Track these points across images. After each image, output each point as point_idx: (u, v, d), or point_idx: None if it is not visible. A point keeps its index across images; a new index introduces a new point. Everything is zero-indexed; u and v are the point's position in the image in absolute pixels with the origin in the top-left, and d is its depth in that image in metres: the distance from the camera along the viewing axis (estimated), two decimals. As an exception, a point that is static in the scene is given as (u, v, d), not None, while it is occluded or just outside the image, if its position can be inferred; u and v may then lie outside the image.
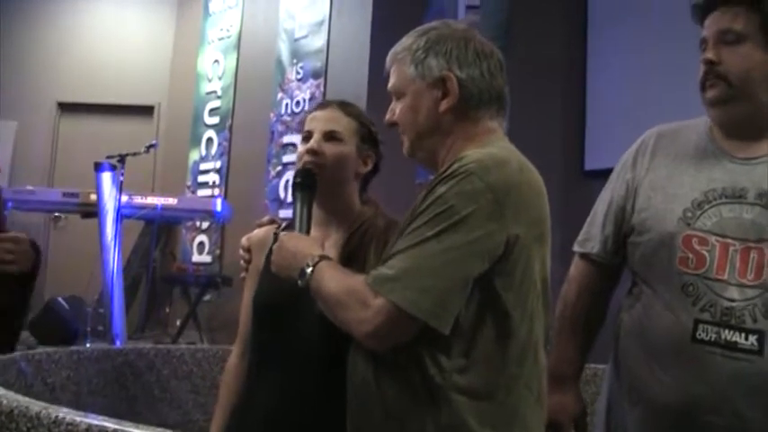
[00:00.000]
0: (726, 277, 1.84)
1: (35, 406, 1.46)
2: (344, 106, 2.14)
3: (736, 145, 1.96)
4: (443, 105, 1.79)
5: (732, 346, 1.80)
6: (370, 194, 2.22)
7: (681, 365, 1.86)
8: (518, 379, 1.66)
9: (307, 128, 2.10)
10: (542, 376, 1.75)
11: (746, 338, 1.80)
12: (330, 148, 2.05)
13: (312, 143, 2.05)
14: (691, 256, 1.88)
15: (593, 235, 2.15)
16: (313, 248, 1.79)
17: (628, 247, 2.06)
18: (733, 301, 1.82)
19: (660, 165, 2.04)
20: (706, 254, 1.87)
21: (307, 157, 2.04)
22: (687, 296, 1.87)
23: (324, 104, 2.17)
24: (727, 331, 1.81)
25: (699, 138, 2.03)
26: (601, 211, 2.14)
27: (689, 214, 1.91)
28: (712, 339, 1.82)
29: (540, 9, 6.58)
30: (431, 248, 1.58)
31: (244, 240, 2.24)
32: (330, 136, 2.06)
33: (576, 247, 2.20)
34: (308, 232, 1.91)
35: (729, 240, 1.86)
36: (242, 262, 2.24)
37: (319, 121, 2.09)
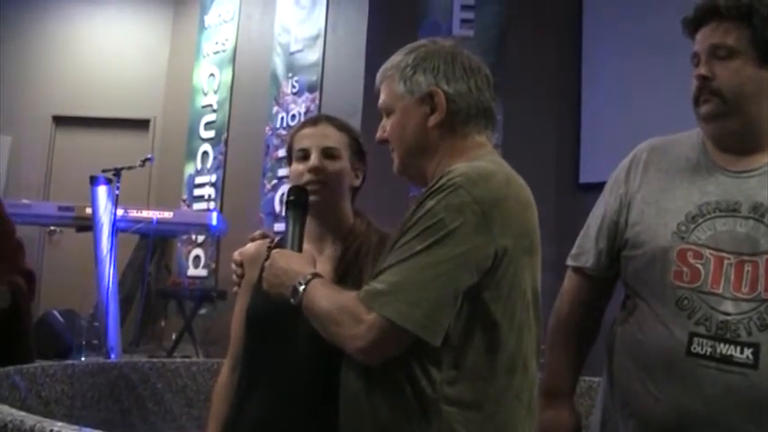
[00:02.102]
0: (720, 291, 1.83)
1: (29, 420, 1.45)
2: (333, 121, 2.15)
3: (728, 158, 1.96)
4: (432, 121, 1.80)
5: (727, 360, 1.79)
6: (359, 206, 2.23)
7: (674, 379, 1.85)
8: (508, 389, 1.67)
9: (300, 146, 2.10)
10: (533, 387, 1.75)
11: (741, 352, 1.79)
12: (330, 165, 2.06)
13: (315, 161, 2.05)
14: (685, 269, 1.88)
15: (586, 249, 2.14)
16: (305, 266, 1.80)
17: (621, 260, 2.05)
18: (728, 314, 1.81)
19: (653, 178, 2.03)
20: (701, 267, 1.86)
21: (309, 176, 2.04)
22: (682, 310, 1.86)
23: (313, 121, 2.17)
24: (722, 345, 1.80)
25: (691, 151, 2.02)
26: (594, 224, 2.13)
27: (683, 228, 1.91)
28: (707, 353, 1.81)
29: (535, 23, 6.61)
30: (421, 262, 1.59)
31: (236, 255, 2.24)
32: (328, 153, 2.07)
33: (569, 261, 2.19)
34: (299, 250, 1.91)
35: (724, 254, 1.86)
36: (234, 276, 2.24)
37: (314, 138, 2.09)
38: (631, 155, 2.13)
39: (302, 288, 1.73)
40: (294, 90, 7.32)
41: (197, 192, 8.35)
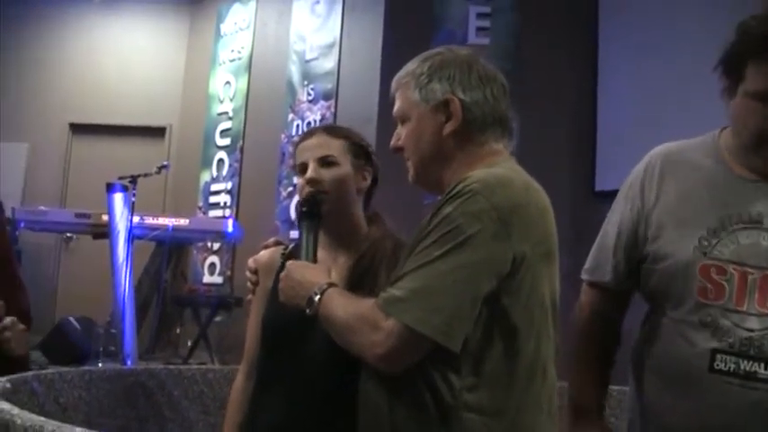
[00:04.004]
0: (745, 308, 1.81)
1: (49, 425, 1.46)
2: (330, 130, 2.17)
3: (747, 167, 1.93)
4: (447, 129, 1.80)
5: (751, 377, 1.77)
6: (375, 209, 2.23)
7: (698, 396, 1.83)
8: (527, 395, 1.67)
9: (299, 160, 2.11)
10: (553, 392, 1.75)
11: (766, 368, 1.77)
12: (328, 174, 2.06)
13: (310, 172, 2.06)
14: (709, 286, 1.85)
15: (603, 263, 2.10)
16: (320, 276, 1.81)
17: (642, 273, 2.02)
18: (752, 330, 1.79)
19: (670, 190, 1.99)
20: (725, 284, 1.84)
21: (307, 188, 2.05)
22: (705, 326, 1.83)
23: (309, 133, 2.18)
24: (746, 361, 1.78)
25: (707, 158, 1.98)
26: (610, 237, 2.09)
27: (705, 243, 1.87)
28: (731, 370, 1.79)
29: (551, 31, 6.60)
30: (439, 268, 1.59)
31: (251, 262, 2.25)
32: (325, 162, 2.08)
33: (584, 275, 2.16)
34: (314, 260, 1.92)
35: (748, 269, 1.83)
36: (248, 284, 2.25)
37: (310, 150, 2.10)
38: (645, 163, 2.08)
39: (317, 298, 1.73)
40: (310, 98, 7.35)
41: (213, 199, 8.38)
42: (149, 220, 7.09)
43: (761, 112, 1.83)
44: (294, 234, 6.83)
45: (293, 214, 7.14)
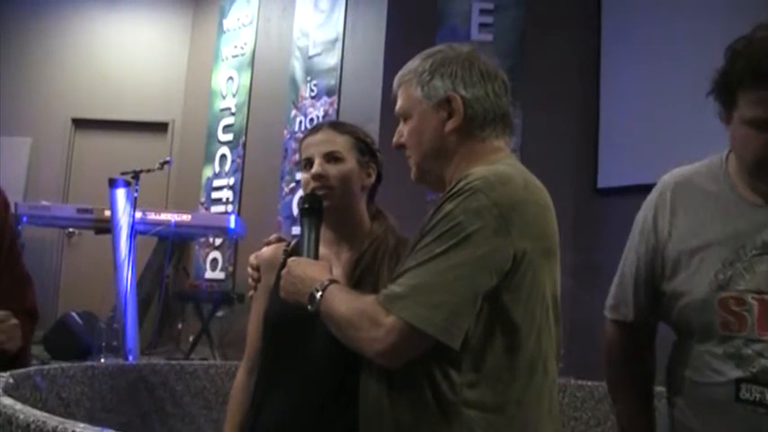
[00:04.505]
0: None
1: (52, 420, 1.46)
2: (336, 125, 2.18)
3: (754, 191, 1.89)
4: (449, 125, 1.81)
5: None
6: (378, 205, 2.24)
7: (726, 424, 1.82)
8: (528, 392, 1.68)
9: (304, 155, 2.13)
10: (554, 389, 1.76)
11: None
12: (333, 169, 2.07)
13: (316, 168, 2.07)
14: (731, 318, 1.83)
15: (624, 301, 2.08)
16: (321, 273, 1.81)
17: (663, 306, 2.00)
18: None
19: (682, 223, 1.97)
20: (746, 315, 1.82)
21: (313, 183, 2.07)
22: (729, 357, 1.82)
23: (315, 128, 2.19)
24: None
25: (717, 186, 1.96)
26: (629, 276, 2.07)
27: (720, 276, 1.85)
28: (756, 399, 1.78)
29: (554, 27, 6.60)
30: (439, 265, 1.60)
31: (252, 259, 2.25)
32: (330, 157, 2.09)
33: (607, 313, 2.14)
34: (315, 257, 1.92)
35: (766, 296, 1.81)
36: (250, 280, 2.25)
37: (316, 146, 2.11)
38: (656, 194, 2.06)
39: (319, 294, 1.74)
40: (312, 94, 7.35)
41: (215, 195, 8.37)
42: (152, 216, 7.09)
43: (757, 139, 1.80)
44: (296, 230, 6.84)
45: (296, 210, 7.15)
